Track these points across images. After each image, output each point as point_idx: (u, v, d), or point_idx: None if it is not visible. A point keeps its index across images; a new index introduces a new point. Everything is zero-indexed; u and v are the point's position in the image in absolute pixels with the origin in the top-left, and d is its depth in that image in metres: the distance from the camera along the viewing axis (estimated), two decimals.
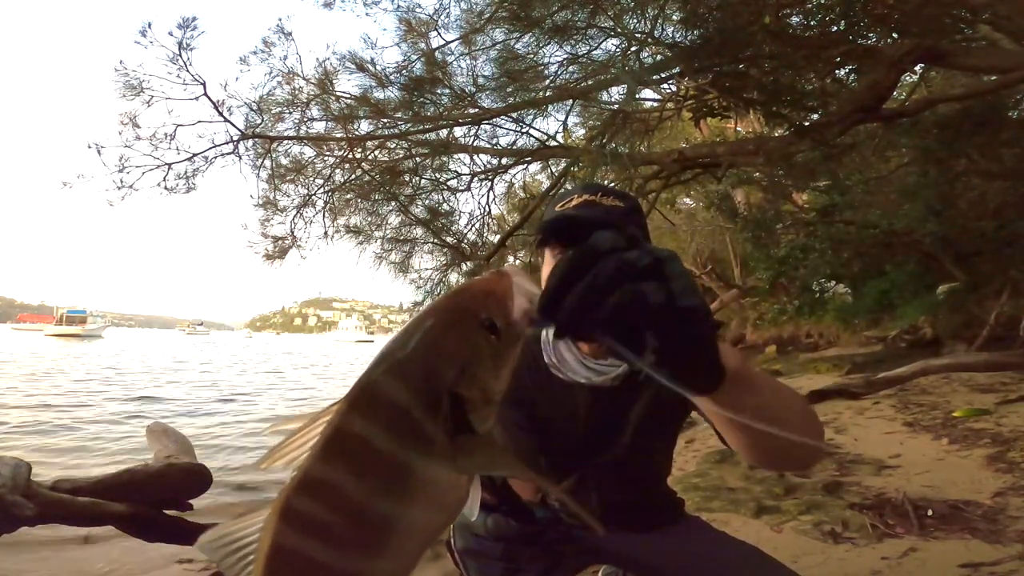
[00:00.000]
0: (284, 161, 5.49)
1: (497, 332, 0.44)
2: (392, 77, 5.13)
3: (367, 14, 5.24)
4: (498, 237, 5.79)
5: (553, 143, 5.20)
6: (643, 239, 1.00)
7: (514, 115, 5.08)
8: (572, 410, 1.01)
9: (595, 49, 4.93)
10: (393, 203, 5.34)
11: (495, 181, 5.55)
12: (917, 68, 4.96)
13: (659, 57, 4.70)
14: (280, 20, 5.15)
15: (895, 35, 3.89)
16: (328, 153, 5.50)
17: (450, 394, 0.42)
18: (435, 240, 5.39)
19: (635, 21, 4.58)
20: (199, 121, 4.82)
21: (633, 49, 4.69)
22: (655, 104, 5.82)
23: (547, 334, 1.02)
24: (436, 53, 5.20)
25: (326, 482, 0.41)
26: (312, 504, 0.41)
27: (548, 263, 0.97)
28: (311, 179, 5.50)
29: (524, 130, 5.20)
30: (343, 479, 0.41)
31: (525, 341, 0.99)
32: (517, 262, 6.39)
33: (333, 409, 0.43)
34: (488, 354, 0.44)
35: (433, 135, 5.30)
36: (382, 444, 0.41)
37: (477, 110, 5.06)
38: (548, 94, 5.04)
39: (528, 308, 0.46)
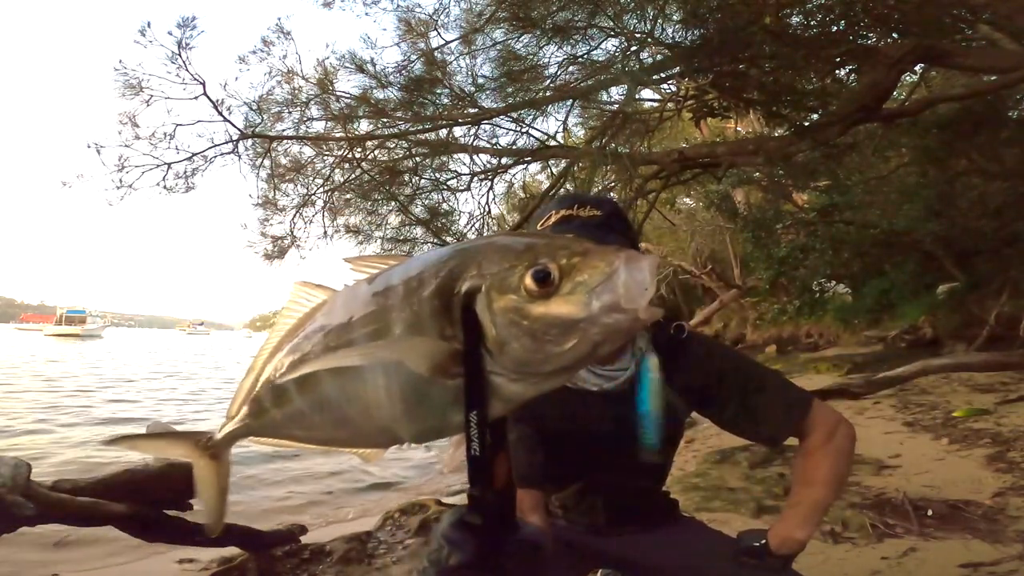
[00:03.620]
0: (283, 161, 5.49)
1: (547, 286, 0.39)
2: (392, 77, 5.13)
3: (367, 14, 5.24)
4: None
5: (553, 143, 5.20)
6: (632, 241, 1.00)
7: (514, 115, 5.07)
8: (581, 417, 1.01)
9: (595, 49, 4.93)
10: (393, 203, 5.33)
11: (495, 181, 5.55)
12: (917, 68, 4.96)
13: (659, 57, 4.70)
14: (279, 20, 5.15)
15: (895, 35, 3.88)
16: (328, 153, 5.50)
17: (465, 308, 0.42)
18: (435, 240, 5.38)
19: (635, 21, 4.57)
20: (198, 121, 4.82)
21: (633, 49, 4.69)
22: (655, 104, 5.82)
23: None
24: (436, 53, 5.20)
25: (354, 300, 0.49)
26: (338, 307, 0.50)
27: None
28: (310, 179, 5.49)
29: (524, 130, 5.19)
30: (361, 305, 0.47)
31: None
32: None
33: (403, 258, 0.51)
34: (513, 300, 0.40)
35: (433, 135, 5.29)
36: (390, 297, 0.45)
37: (477, 110, 5.05)
38: (548, 94, 5.04)
39: (622, 297, 0.38)
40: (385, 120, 5.19)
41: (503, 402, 0.43)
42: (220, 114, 4.80)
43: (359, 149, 5.36)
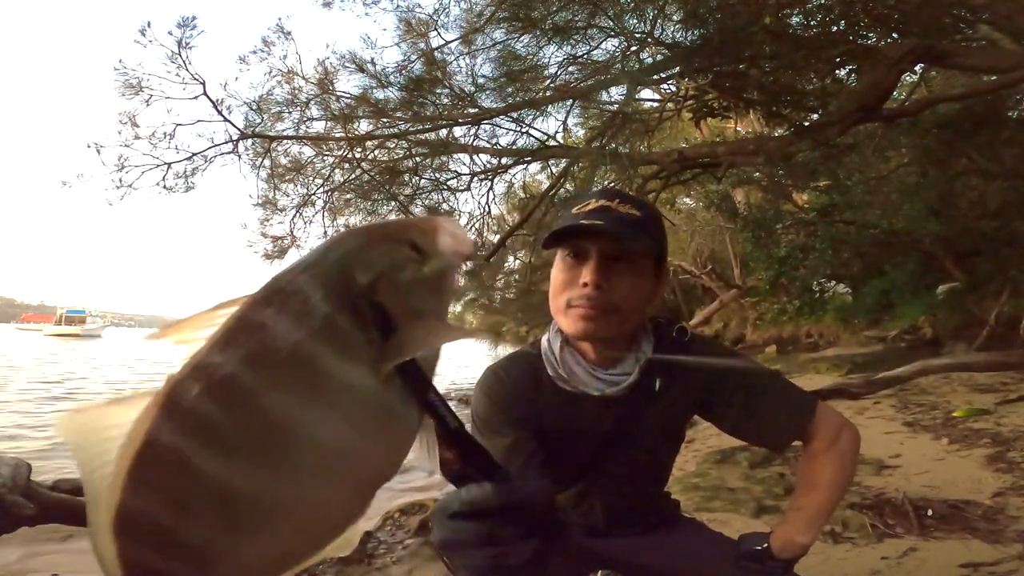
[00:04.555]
0: (283, 161, 5.50)
1: (421, 252, 0.45)
2: (392, 77, 5.13)
3: (367, 14, 5.24)
4: (498, 237, 5.79)
5: (553, 143, 5.20)
6: (661, 249, 0.99)
7: (514, 115, 5.07)
8: (582, 421, 1.00)
9: (595, 49, 4.93)
10: (393, 203, 5.34)
11: (495, 181, 5.55)
12: (917, 68, 4.96)
13: (659, 57, 4.70)
14: (279, 20, 5.16)
15: (895, 35, 3.89)
16: (328, 153, 5.50)
17: (371, 303, 0.42)
18: None
19: (635, 21, 4.58)
20: (198, 120, 4.83)
21: (633, 49, 4.69)
22: (655, 104, 5.83)
23: (551, 346, 1.01)
24: (436, 53, 5.20)
25: (222, 372, 0.35)
26: (202, 398, 0.35)
27: (557, 265, 0.97)
28: (310, 179, 5.51)
29: (524, 130, 5.20)
30: (242, 370, 0.36)
31: (524, 357, 1.00)
32: (518, 262, 6.39)
33: (239, 301, 0.39)
34: (411, 270, 0.45)
35: (433, 135, 5.30)
36: (289, 335, 0.37)
37: (477, 110, 5.05)
38: (548, 94, 5.04)
39: (456, 245, 0.47)
40: (385, 120, 5.19)
41: (429, 369, 0.46)
42: (220, 114, 4.81)
43: (359, 149, 5.36)
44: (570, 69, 5.02)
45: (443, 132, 5.26)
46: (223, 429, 0.35)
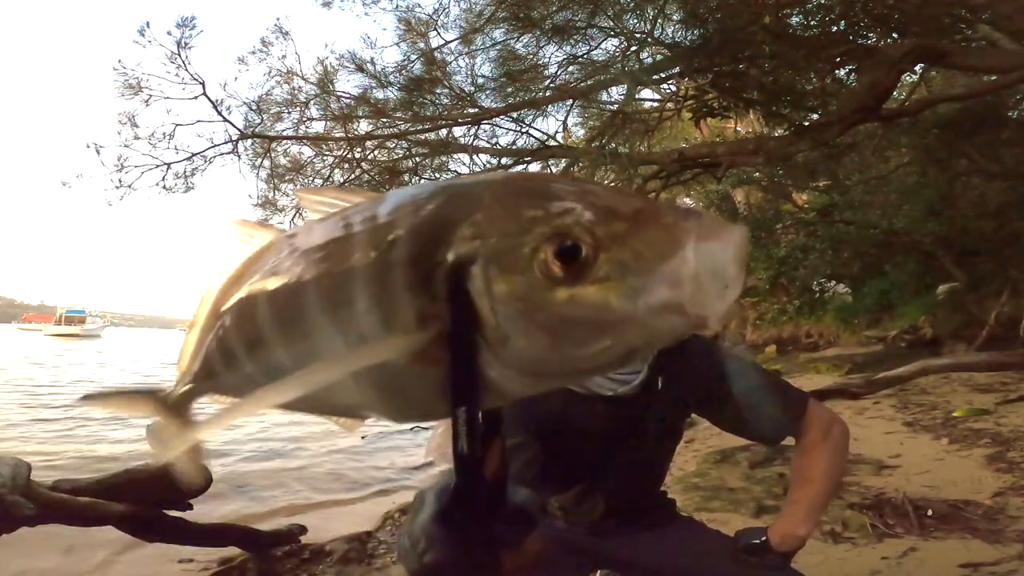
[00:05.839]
0: (283, 161, 5.50)
1: (575, 265, 0.28)
2: (392, 77, 5.13)
3: (366, 14, 5.25)
4: None
5: (553, 143, 5.20)
6: None
7: (514, 115, 5.07)
8: (590, 421, 1.01)
9: (595, 49, 4.94)
10: None
11: None
12: (917, 68, 4.96)
13: (659, 57, 4.71)
14: (278, 20, 5.17)
15: (895, 35, 3.89)
16: (327, 153, 5.50)
17: (452, 279, 0.31)
18: None
19: (635, 21, 4.58)
20: (198, 120, 4.82)
21: (633, 49, 4.70)
22: (655, 104, 5.82)
23: None
24: (436, 53, 5.20)
25: (295, 269, 0.38)
26: (276, 275, 0.39)
27: None
28: (310, 179, 5.50)
29: (524, 130, 5.20)
30: (308, 273, 0.37)
31: None
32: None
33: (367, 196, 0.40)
34: (531, 280, 0.29)
35: (433, 135, 5.30)
36: (345, 263, 0.34)
37: (477, 110, 5.06)
38: (548, 94, 5.04)
39: (682, 310, 0.27)
40: (385, 120, 5.19)
41: (498, 398, 0.34)
42: (220, 114, 4.81)
43: (359, 149, 5.36)
44: (570, 69, 5.04)
45: (443, 132, 5.26)
46: (283, 296, 0.39)
